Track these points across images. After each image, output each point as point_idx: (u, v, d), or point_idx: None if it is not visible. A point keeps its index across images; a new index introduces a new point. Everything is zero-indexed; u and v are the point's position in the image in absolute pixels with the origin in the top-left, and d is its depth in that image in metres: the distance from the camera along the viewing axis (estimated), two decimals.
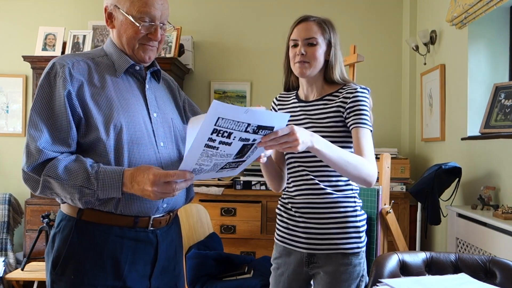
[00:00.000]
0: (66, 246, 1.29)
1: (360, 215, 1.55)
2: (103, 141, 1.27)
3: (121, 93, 1.35)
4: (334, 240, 1.50)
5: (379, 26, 3.83)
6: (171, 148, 1.40)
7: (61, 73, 1.27)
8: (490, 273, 1.46)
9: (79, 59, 1.34)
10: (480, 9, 2.54)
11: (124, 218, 1.31)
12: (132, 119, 1.32)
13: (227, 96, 3.86)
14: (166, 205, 1.36)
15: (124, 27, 1.35)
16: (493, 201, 2.45)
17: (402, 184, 3.23)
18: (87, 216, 1.30)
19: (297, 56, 1.52)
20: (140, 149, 1.32)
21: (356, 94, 1.50)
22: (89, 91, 1.29)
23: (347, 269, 1.50)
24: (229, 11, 3.88)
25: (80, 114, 1.27)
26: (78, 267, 1.28)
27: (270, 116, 1.14)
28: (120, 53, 1.39)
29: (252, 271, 2.57)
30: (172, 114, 1.47)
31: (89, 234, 1.30)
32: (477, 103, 2.77)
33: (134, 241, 1.33)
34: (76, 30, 3.64)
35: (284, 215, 1.61)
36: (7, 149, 3.85)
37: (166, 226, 1.41)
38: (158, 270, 1.38)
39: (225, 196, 3.27)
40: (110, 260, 1.30)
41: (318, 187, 1.51)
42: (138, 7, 1.32)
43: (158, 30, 1.36)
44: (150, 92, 1.42)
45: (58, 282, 1.30)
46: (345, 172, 1.37)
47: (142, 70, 1.42)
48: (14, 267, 3.36)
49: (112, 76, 1.36)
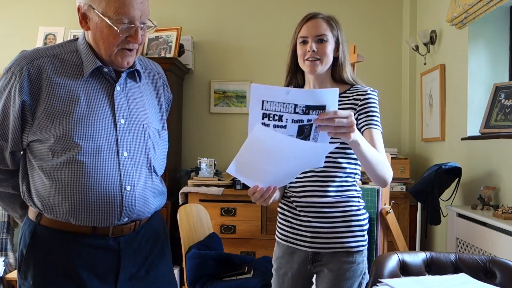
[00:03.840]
0: (26, 251, 1.27)
1: (363, 214, 1.57)
2: (56, 153, 1.21)
3: (85, 97, 1.24)
4: (339, 238, 1.51)
5: (379, 26, 3.83)
6: (137, 158, 1.30)
7: (18, 78, 1.21)
8: (490, 273, 1.46)
9: (43, 58, 1.24)
10: (480, 9, 2.54)
11: (81, 226, 1.25)
12: (91, 127, 1.23)
13: (227, 96, 3.85)
14: (127, 218, 1.29)
15: (100, 30, 1.23)
16: (493, 201, 2.45)
17: (402, 184, 3.23)
18: (44, 221, 1.27)
19: (308, 53, 1.51)
20: (97, 161, 1.23)
21: (368, 96, 1.52)
22: (46, 98, 1.22)
23: (351, 266, 1.51)
24: (229, 11, 3.88)
25: (31, 124, 1.23)
26: (37, 272, 1.25)
27: (315, 94, 1.11)
28: (88, 53, 1.27)
29: (252, 271, 2.57)
30: (146, 120, 1.35)
31: (46, 239, 1.26)
32: (477, 103, 2.77)
33: (93, 248, 1.27)
34: (76, 30, 3.64)
35: (287, 214, 1.60)
36: None
37: (133, 233, 1.33)
38: (124, 277, 1.31)
39: (225, 196, 3.26)
40: (69, 266, 1.25)
41: (324, 188, 1.52)
42: (115, 8, 1.19)
43: (138, 32, 1.24)
44: (120, 95, 1.30)
45: (22, 286, 1.29)
46: (373, 170, 1.38)
47: (111, 71, 1.29)
48: (14, 267, 3.36)
49: (78, 78, 1.26)
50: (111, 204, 1.25)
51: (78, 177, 1.22)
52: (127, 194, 1.26)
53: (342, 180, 1.53)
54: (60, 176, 1.22)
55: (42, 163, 1.24)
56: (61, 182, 1.23)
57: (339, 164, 1.51)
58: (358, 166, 1.56)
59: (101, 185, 1.23)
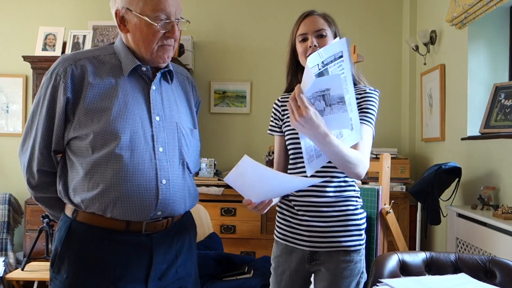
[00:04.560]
0: (61, 246, 1.31)
1: (361, 213, 1.57)
2: (95, 149, 1.27)
3: (123, 95, 1.32)
4: (337, 238, 1.51)
5: (379, 26, 3.83)
6: (172, 153, 1.36)
7: (63, 78, 1.28)
8: (490, 273, 1.46)
9: (84, 59, 1.32)
10: (480, 9, 2.54)
11: (116, 221, 1.29)
12: (129, 123, 1.29)
13: (227, 96, 3.86)
14: (160, 213, 1.33)
15: (139, 30, 1.31)
16: (493, 201, 2.45)
17: (402, 184, 3.23)
18: (81, 217, 1.31)
19: (309, 49, 1.51)
20: (134, 155, 1.28)
21: (366, 94, 1.53)
22: (86, 96, 1.28)
23: (348, 265, 1.51)
24: (229, 11, 3.88)
25: (72, 121, 1.29)
26: (71, 267, 1.29)
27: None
28: (128, 53, 1.35)
29: (252, 271, 2.57)
30: (179, 118, 1.42)
31: (81, 235, 1.30)
32: (477, 103, 2.77)
33: (126, 244, 1.31)
34: (76, 30, 3.64)
35: (286, 213, 1.61)
36: (7, 149, 3.85)
37: (165, 230, 1.37)
38: (155, 274, 1.35)
39: (225, 196, 3.26)
40: (102, 262, 1.29)
41: (322, 188, 1.52)
42: (153, 6, 1.28)
43: (175, 27, 1.33)
44: (156, 94, 1.38)
45: (55, 280, 1.32)
46: (336, 161, 1.37)
47: (149, 71, 1.37)
48: (14, 267, 3.36)
49: (117, 77, 1.33)
50: (147, 197, 1.29)
51: (117, 171, 1.27)
52: (163, 187, 1.31)
53: (340, 180, 1.53)
54: (99, 170, 1.27)
55: (82, 160, 1.29)
56: (99, 176, 1.27)
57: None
58: None
59: (138, 178, 1.28)
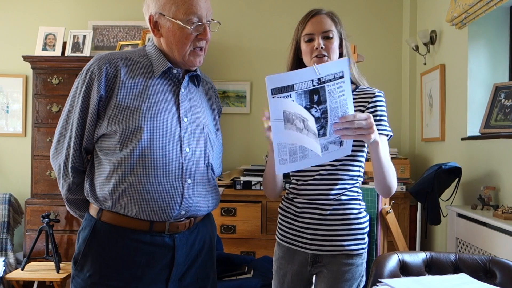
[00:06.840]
0: (85, 245, 1.34)
1: (363, 217, 1.55)
2: (124, 147, 1.30)
3: (153, 95, 1.35)
4: (340, 241, 1.50)
5: (379, 26, 3.83)
6: (198, 154, 1.39)
7: (98, 75, 1.31)
8: (490, 273, 1.46)
9: (118, 59, 1.36)
10: (480, 9, 2.54)
11: (139, 222, 1.32)
12: (158, 123, 1.32)
13: (227, 96, 3.85)
14: (184, 212, 1.36)
15: (173, 34, 1.35)
16: (493, 201, 2.45)
17: (402, 184, 3.23)
18: (105, 217, 1.34)
19: (316, 50, 1.49)
20: (161, 154, 1.31)
21: (376, 99, 1.52)
22: (118, 94, 1.32)
23: (350, 269, 1.50)
24: (230, 11, 3.88)
25: (102, 118, 1.32)
26: (94, 266, 1.32)
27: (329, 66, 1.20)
28: (160, 55, 1.39)
29: (252, 271, 2.58)
30: (205, 120, 1.46)
31: (105, 235, 1.33)
32: (477, 103, 2.77)
33: (149, 245, 1.33)
34: (76, 30, 3.64)
35: (288, 215, 1.59)
36: (7, 149, 3.85)
37: (187, 231, 1.39)
38: (176, 275, 1.37)
39: (225, 196, 3.26)
40: (124, 262, 1.32)
41: (326, 191, 1.51)
42: (185, 9, 1.32)
43: (207, 29, 1.37)
44: (184, 96, 1.41)
45: (77, 278, 1.35)
46: (383, 175, 1.40)
47: (179, 73, 1.41)
48: (14, 267, 3.36)
49: (148, 78, 1.36)
50: (173, 195, 1.32)
51: (144, 169, 1.29)
52: (188, 186, 1.35)
53: (344, 182, 1.52)
54: (126, 168, 1.29)
55: (109, 157, 1.32)
56: (127, 173, 1.30)
57: (344, 166, 1.50)
58: (361, 169, 1.56)
59: (165, 176, 1.31)
